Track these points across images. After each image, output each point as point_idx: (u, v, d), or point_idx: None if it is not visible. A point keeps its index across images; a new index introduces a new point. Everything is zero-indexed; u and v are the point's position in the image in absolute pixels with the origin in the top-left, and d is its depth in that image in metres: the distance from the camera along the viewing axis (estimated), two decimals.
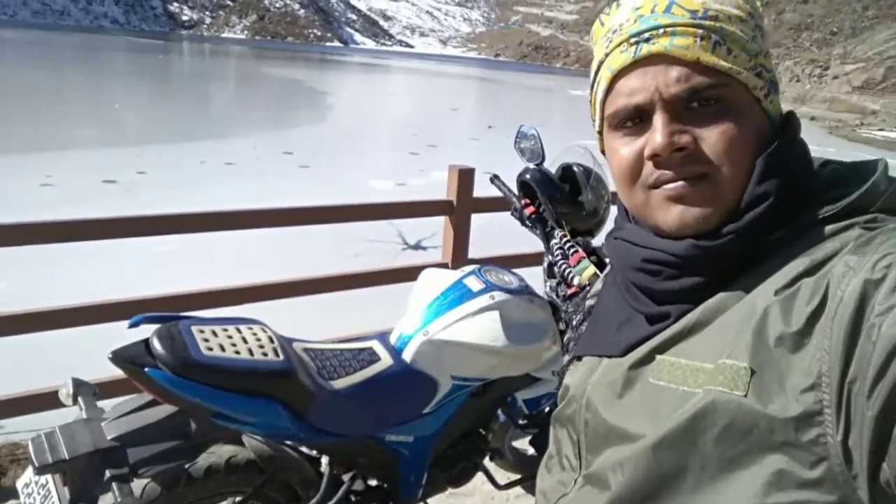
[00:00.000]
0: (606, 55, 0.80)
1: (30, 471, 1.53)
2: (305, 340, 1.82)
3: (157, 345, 1.45)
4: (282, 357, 1.57)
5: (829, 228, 0.71)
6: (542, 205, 1.91)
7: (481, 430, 2.16)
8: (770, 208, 0.73)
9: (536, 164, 1.92)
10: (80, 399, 1.60)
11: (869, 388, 0.57)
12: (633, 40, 0.77)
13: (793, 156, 0.76)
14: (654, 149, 0.75)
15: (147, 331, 1.51)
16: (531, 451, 2.63)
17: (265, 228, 3.19)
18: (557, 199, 1.88)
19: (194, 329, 1.53)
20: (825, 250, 0.69)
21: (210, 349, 1.49)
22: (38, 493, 1.52)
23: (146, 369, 1.42)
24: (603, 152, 0.88)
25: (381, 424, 1.81)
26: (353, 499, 1.93)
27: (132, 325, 1.54)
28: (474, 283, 1.94)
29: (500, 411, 2.16)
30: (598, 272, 1.62)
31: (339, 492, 1.82)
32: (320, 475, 1.83)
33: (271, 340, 1.61)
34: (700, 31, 0.74)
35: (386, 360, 1.84)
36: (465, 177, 3.46)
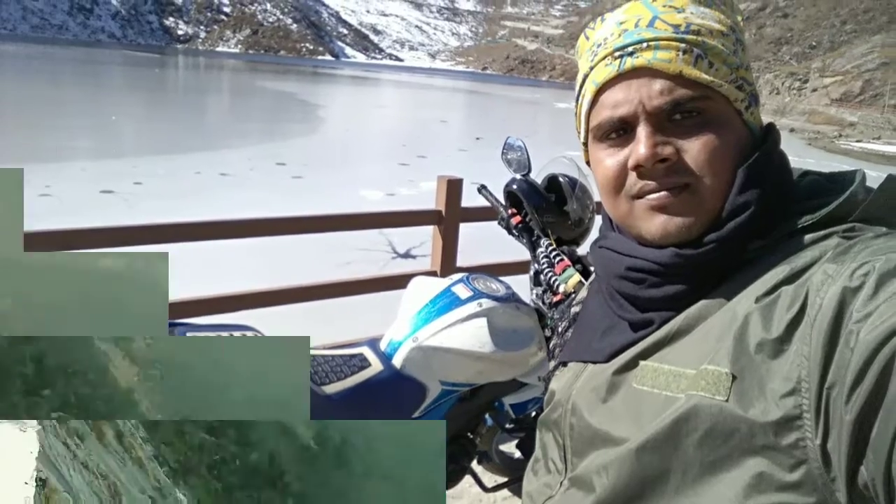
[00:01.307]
0: (591, 68, 0.81)
1: None
2: None
3: None
4: None
5: (808, 237, 0.72)
6: (528, 214, 1.92)
7: (469, 433, 2.16)
8: (751, 218, 0.74)
9: (523, 175, 1.92)
10: None
11: (847, 393, 0.58)
12: (617, 54, 0.78)
13: (773, 166, 0.77)
14: (637, 160, 0.76)
15: None
16: (518, 454, 2.63)
17: (258, 237, 3.20)
18: (543, 208, 1.88)
19: (189, 335, 1.54)
20: (804, 259, 0.70)
21: None
22: None
23: None
24: (588, 163, 0.89)
25: None
26: None
27: None
28: (462, 291, 1.95)
29: (487, 415, 2.17)
30: (583, 280, 1.62)
31: None
32: None
33: None
34: (682, 45, 0.75)
35: (376, 365, 1.84)
36: (454, 187, 3.46)
